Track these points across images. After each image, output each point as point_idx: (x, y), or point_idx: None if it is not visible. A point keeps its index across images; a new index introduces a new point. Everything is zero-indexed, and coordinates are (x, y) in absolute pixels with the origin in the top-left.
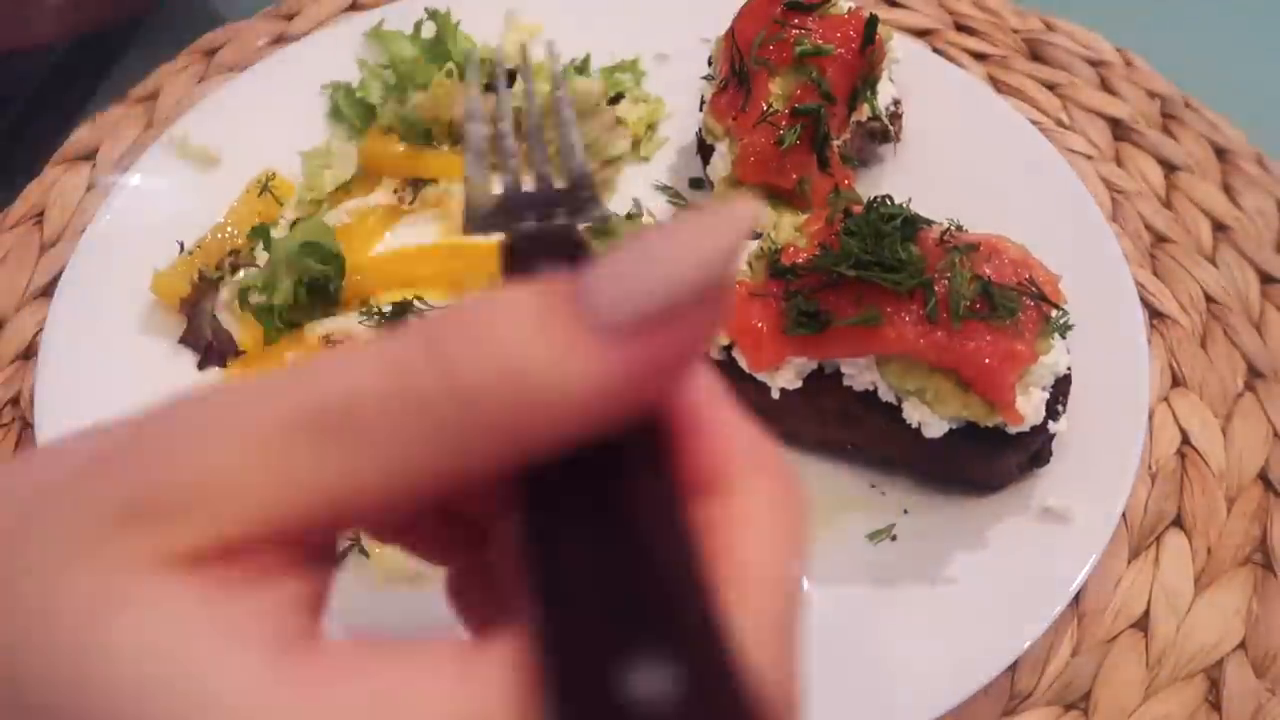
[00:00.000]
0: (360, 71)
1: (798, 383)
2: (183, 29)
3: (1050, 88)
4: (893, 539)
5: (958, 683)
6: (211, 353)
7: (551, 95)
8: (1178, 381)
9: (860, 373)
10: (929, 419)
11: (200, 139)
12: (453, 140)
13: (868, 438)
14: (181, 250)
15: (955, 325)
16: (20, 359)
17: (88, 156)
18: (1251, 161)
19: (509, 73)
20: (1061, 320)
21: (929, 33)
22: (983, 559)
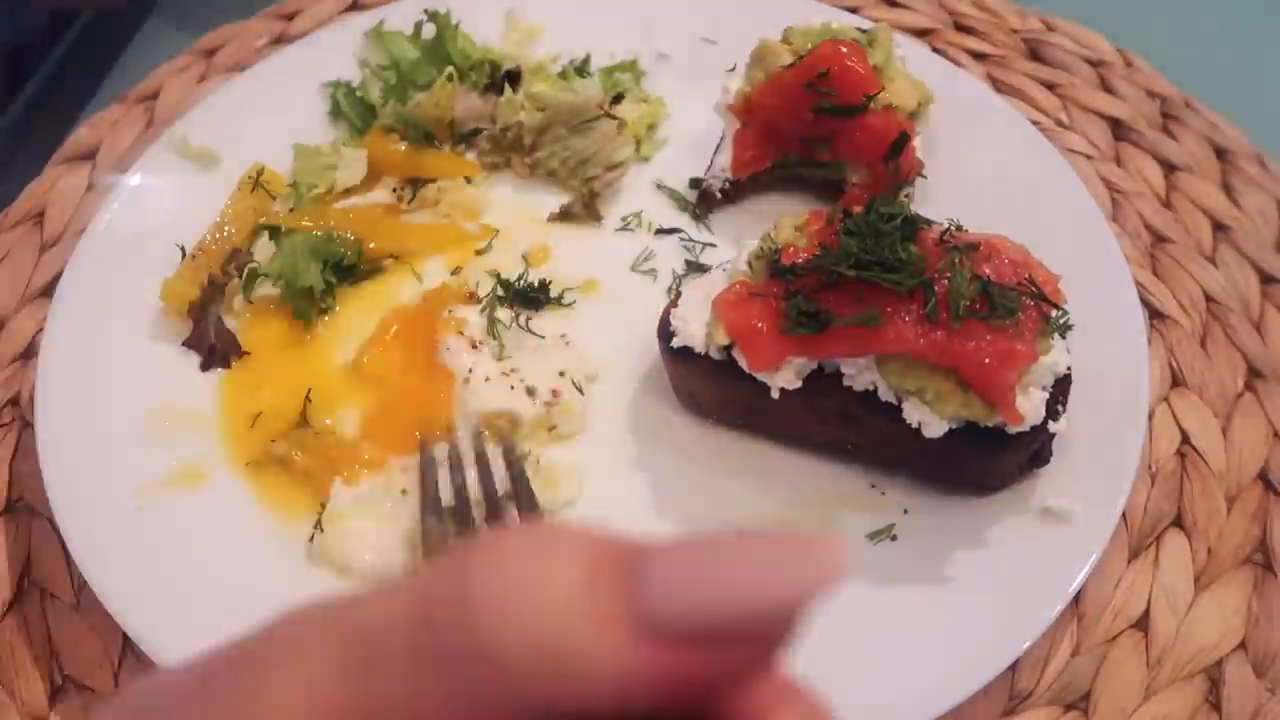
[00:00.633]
0: (361, 71)
1: (798, 383)
2: (183, 29)
3: (1050, 88)
4: (893, 539)
5: (958, 683)
6: (215, 355)
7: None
8: (1178, 381)
9: (860, 373)
10: (929, 419)
11: (200, 139)
12: (453, 140)
13: (868, 438)
14: (184, 254)
15: (955, 325)
16: (20, 359)
17: (88, 156)
18: (1251, 161)
19: (509, 75)
20: (1061, 320)
21: (929, 33)
22: (983, 559)
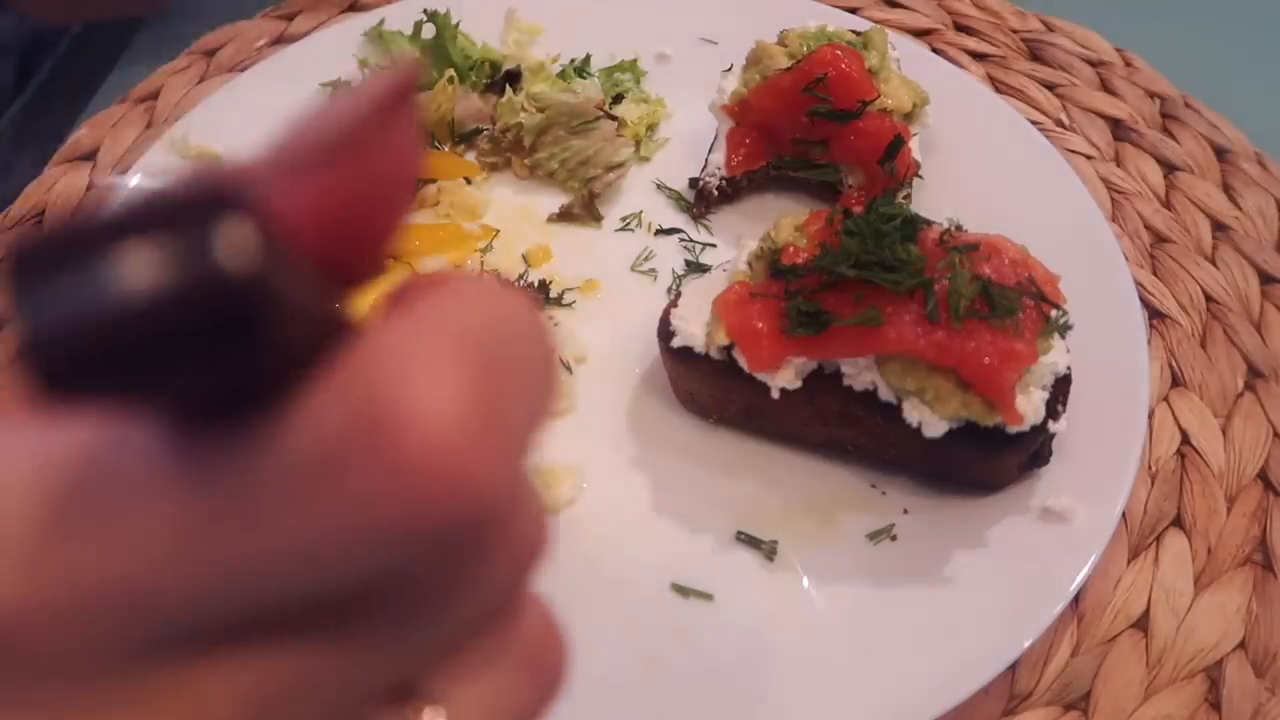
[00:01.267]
0: (361, 71)
1: (798, 383)
2: (183, 29)
3: (1050, 88)
4: (893, 539)
5: (958, 683)
6: None
7: None
8: (1178, 381)
9: (860, 373)
10: (929, 419)
11: (200, 139)
12: (453, 140)
13: (868, 438)
14: None
15: (955, 325)
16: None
17: (88, 156)
18: (1251, 161)
19: (509, 75)
20: (1061, 320)
21: (929, 33)
22: (983, 559)
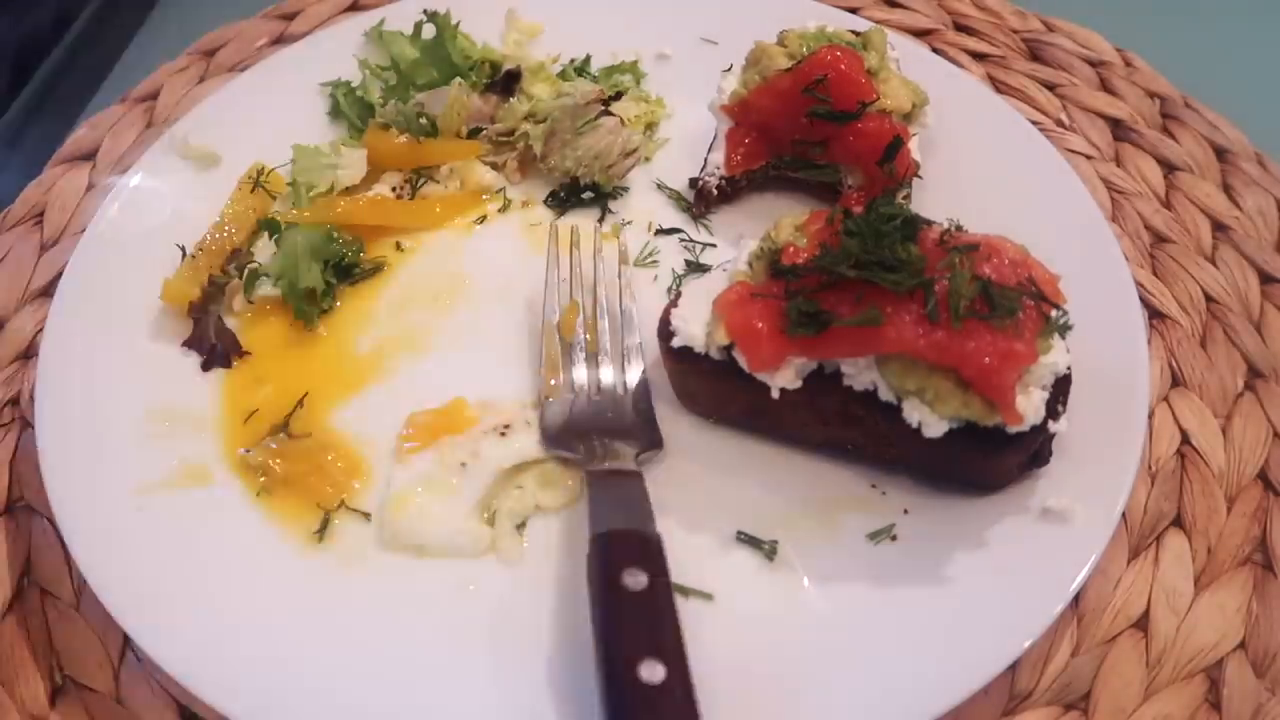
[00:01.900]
0: (361, 71)
1: (798, 383)
2: (183, 29)
3: (1050, 88)
4: (893, 539)
5: (958, 683)
6: (215, 354)
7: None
8: (1178, 381)
9: (860, 372)
10: (929, 419)
11: (200, 139)
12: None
13: (868, 437)
14: (184, 254)
15: (955, 325)
16: (20, 359)
17: (88, 156)
18: (1251, 161)
19: (509, 75)
20: (1061, 320)
21: (929, 33)
22: (983, 559)
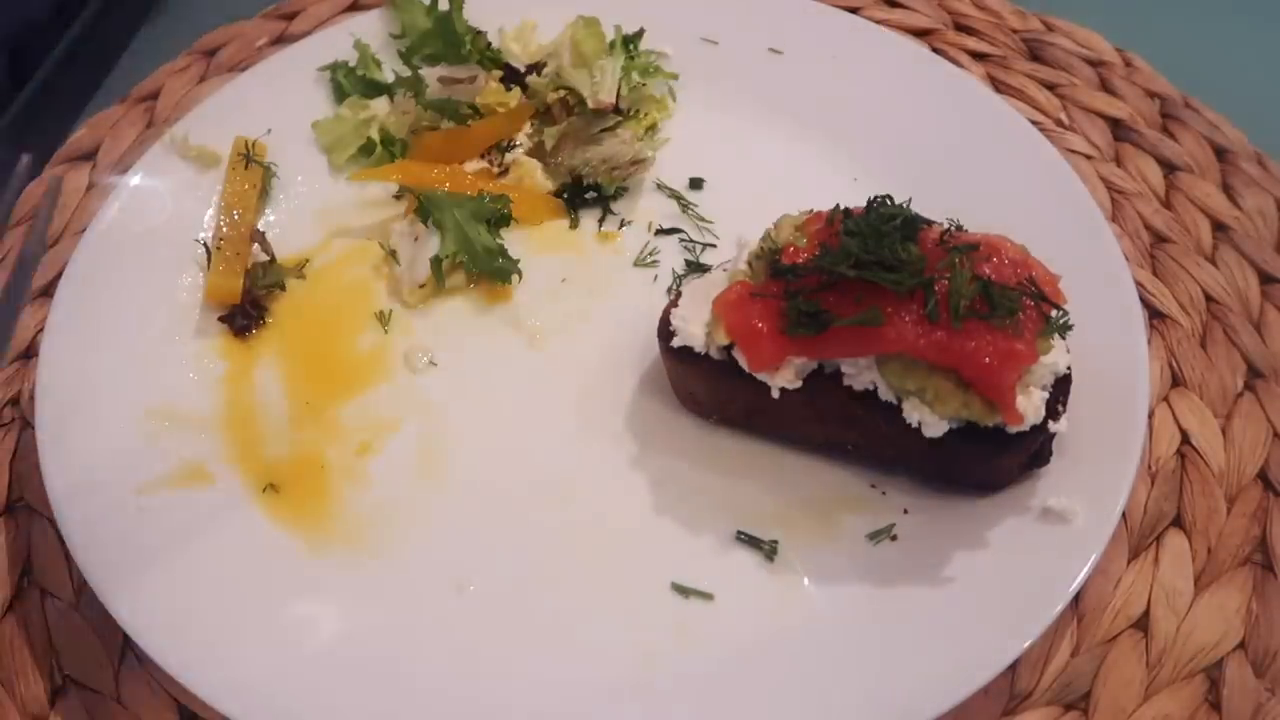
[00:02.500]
0: (356, 51)
1: (798, 383)
2: (183, 29)
3: (1050, 88)
4: (893, 539)
5: (958, 683)
6: (252, 318)
7: None
8: (1178, 381)
9: (860, 373)
10: (929, 419)
11: (200, 138)
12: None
13: (868, 438)
14: (206, 250)
15: (956, 325)
16: (20, 359)
17: (88, 156)
18: (1251, 161)
19: (530, 69)
20: (1061, 320)
21: (929, 33)
22: (983, 559)
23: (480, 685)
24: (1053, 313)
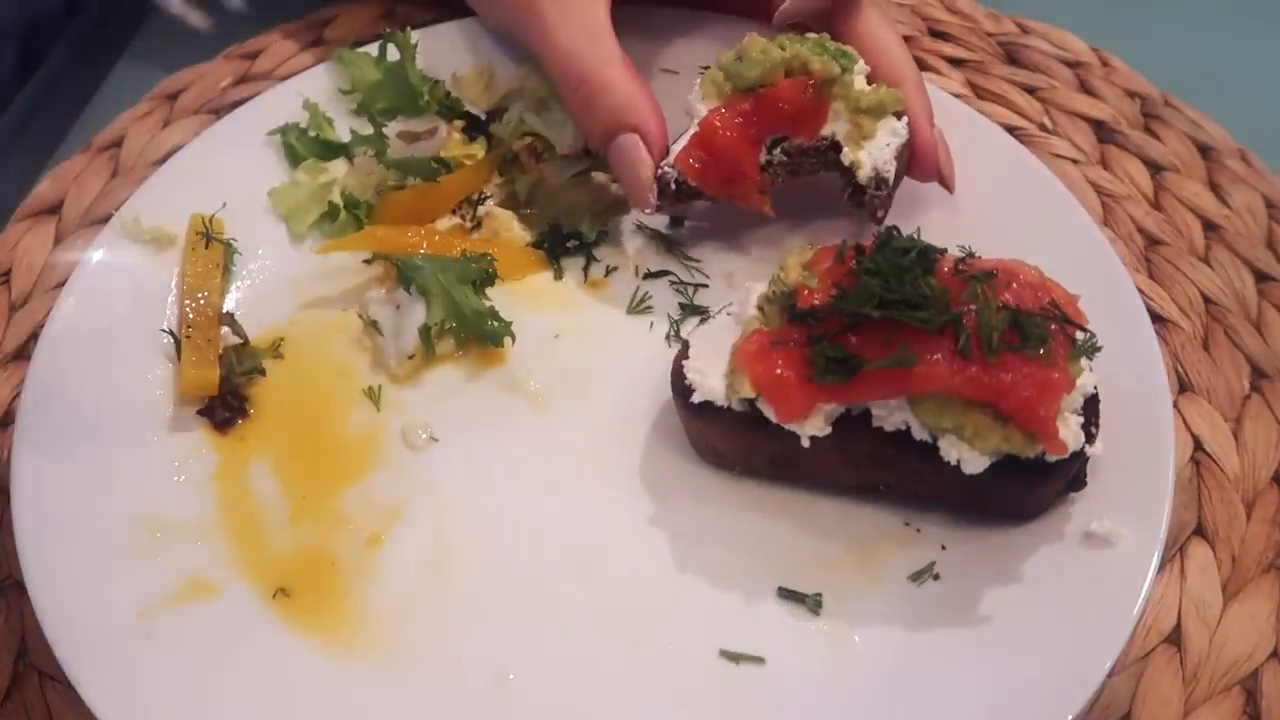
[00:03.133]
0: (305, 110)
1: (827, 429)
2: (154, 70)
3: (1030, 91)
4: (935, 578)
5: None
6: (234, 410)
7: None
8: (1185, 386)
9: (892, 413)
10: (968, 455)
11: (153, 219)
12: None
13: (902, 477)
14: (175, 340)
15: (989, 359)
16: None
17: (53, 210)
18: (1235, 158)
19: (490, 114)
20: (1089, 343)
21: (905, 40)
22: (1033, 592)
23: None
24: (1079, 335)
